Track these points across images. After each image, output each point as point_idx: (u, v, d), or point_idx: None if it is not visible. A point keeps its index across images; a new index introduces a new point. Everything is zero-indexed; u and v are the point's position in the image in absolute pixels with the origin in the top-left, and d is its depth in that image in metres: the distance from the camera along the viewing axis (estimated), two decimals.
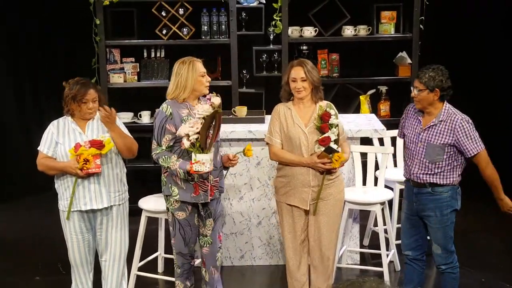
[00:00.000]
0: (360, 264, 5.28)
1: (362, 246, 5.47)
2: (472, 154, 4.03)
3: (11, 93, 6.87)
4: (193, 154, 4.05)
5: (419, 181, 4.17)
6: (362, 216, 5.44)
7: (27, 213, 6.52)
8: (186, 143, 4.06)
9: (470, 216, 6.09)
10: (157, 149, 4.24)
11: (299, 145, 4.20)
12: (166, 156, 4.18)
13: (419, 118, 4.19)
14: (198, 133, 4.02)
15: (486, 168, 4.08)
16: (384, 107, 6.31)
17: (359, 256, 5.34)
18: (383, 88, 6.39)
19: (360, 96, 6.36)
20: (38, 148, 4.21)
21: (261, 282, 5.18)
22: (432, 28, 6.40)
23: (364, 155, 5.18)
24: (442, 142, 4.06)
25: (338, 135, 4.23)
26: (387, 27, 6.37)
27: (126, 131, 4.37)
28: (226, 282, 4.78)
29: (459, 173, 4.15)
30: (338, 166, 4.22)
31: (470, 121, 4.07)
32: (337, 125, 4.25)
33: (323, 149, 4.17)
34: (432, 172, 4.12)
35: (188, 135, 4.06)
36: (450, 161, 4.06)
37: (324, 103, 4.34)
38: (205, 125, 4.03)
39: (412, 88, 4.18)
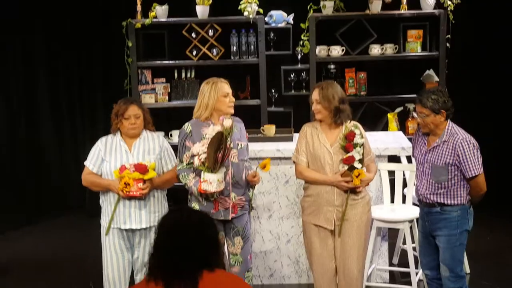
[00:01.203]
0: (390, 283, 5.15)
1: (391, 264, 5.33)
2: (470, 176, 3.99)
3: (48, 113, 6.90)
4: (202, 173, 4.07)
5: (428, 201, 4.13)
6: (391, 234, 5.35)
7: (59, 232, 6.49)
8: (196, 162, 4.09)
9: (503, 234, 6.07)
10: (179, 165, 4.27)
11: (324, 164, 4.14)
12: (185, 173, 4.21)
13: (425, 139, 4.16)
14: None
15: (477, 194, 4.06)
16: (412, 125, 6.21)
17: (388, 275, 5.20)
18: (411, 106, 6.27)
19: (388, 114, 6.34)
20: (85, 163, 4.24)
21: None
22: (458, 46, 6.35)
23: (391, 173, 5.09)
24: (445, 162, 4.01)
25: (363, 154, 4.17)
26: (414, 45, 6.38)
27: (172, 155, 4.39)
28: None
29: (467, 192, 4.08)
30: (359, 184, 4.13)
31: (473, 141, 4.00)
32: (362, 145, 4.18)
33: (346, 167, 4.12)
34: (439, 192, 4.06)
35: (198, 154, 4.08)
36: (455, 181, 4.00)
37: (351, 123, 4.27)
38: (211, 146, 4.02)
39: (414, 114, 4.17)
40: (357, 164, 4.12)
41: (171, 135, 6.27)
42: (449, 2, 6.10)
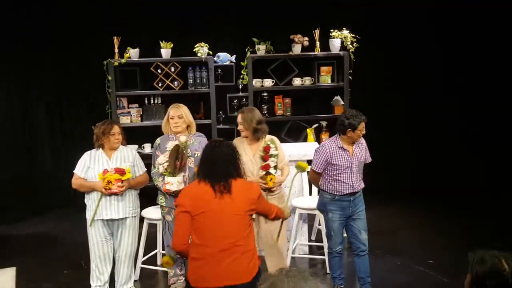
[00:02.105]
0: (309, 254, 5.27)
1: (310, 240, 5.47)
2: (369, 161, 4.33)
3: (48, 131, 6.88)
4: (165, 177, 4.23)
5: (357, 190, 4.24)
6: (309, 218, 5.45)
7: (56, 222, 6.48)
8: (161, 169, 4.24)
9: (395, 216, 6.26)
10: (153, 169, 4.38)
11: (247, 170, 4.17)
12: (156, 176, 4.34)
13: (343, 150, 4.17)
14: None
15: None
16: (325, 137, 6.27)
17: (308, 248, 5.34)
18: (324, 123, 6.43)
19: (307, 129, 6.38)
20: (74, 171, 4.24)
21: None
22: (358, 78, 6.40)
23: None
24: (363, 157, 4.26)
25: (277, 162, 4.28)
26: (325, 78, 6.42)
27: (141, 164, 4.42)
28: None
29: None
30: (272, 185, 4.23)
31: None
32: (276, 155, 4.28)
33: (264, 173, 4.24)
34: (361, 180, 4.29)
35: (162, 163, 4.23)
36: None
37: (268, 138, 4.36)
38: (171, 156, 4.16)
39: (357, 133, 4.12)
40: (272, 170, 4.22)
41: (143, 147, 6.28)
42: (350, 46, 6.17)
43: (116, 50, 6.17)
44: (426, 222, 6.07)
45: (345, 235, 4.47)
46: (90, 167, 4.21)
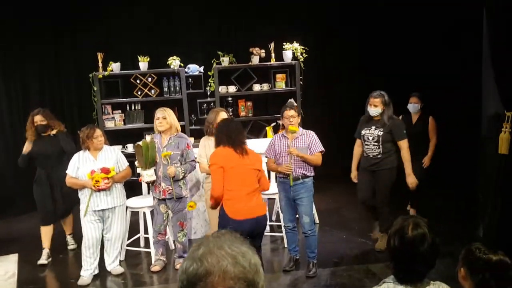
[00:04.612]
0: (270, 232, 5.21)
1: (270, 220, 5.46)
2: (316, 151, 4.12)
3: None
4: (140, 170, 4.27)
5: (295, 174, 4.10)
6: (270, 202, 5.41)
7: None
8: (136, 164, 4.30)
9: (340, 198, 6.34)
10: None
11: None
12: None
13: (283, 138, 4.19)
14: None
15: (317, 164, 4.15)
16: (273, 137, 6.15)
17: (269, 227, 5.23)
18: (280, 122, 5.96)
19: (267, 127, 6.38)
20: (67, 172, 4.25)
21: None
22: (307, 83, 6.51)
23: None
24: (306, 145, 4.12)
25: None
26: (280, 84, 6.51)
27: (124, 160, 4.41)
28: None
29: (313, 168, 4.18)
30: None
31: (314, 133, 4.22)
32: None
33: None
34: (301, 166, 4.12)
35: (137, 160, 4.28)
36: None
37: None
38: (136, 154, 4.21)
39: (285, 120, 4.13)
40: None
41: (126, 147, 6.25)
42: (300, 56, 6.31)
43: (100, 64, 6.15)
44: None
45: None
46: (79, 167, 4.23)
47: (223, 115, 4.38)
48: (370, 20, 6.94)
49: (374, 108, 4.53)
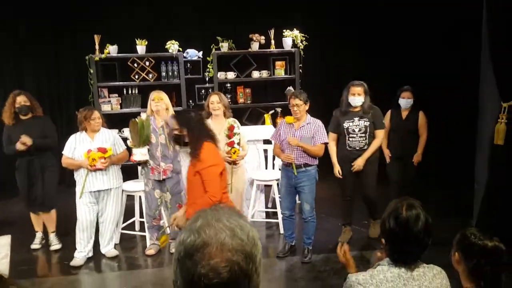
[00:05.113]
0: (266, 218, 5.32)
1: (266, 207, 5.51)
2: (321, 142, 4.08)
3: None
4: (132, 149, 4.20)
5: (298, 162, 4.07)
6: (267, 189, 5.52)
7: None
8: (129, 143, 4.23)
9: (334, 187, 6.30)
10: None
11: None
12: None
13: (290, 126, 4.13)
14: None
15: (320, 154, 4.12)
16: (280, 121, 6.24)
17: (264, 214, 5.39)
18: (279, 109, 6.50)
19: (265, 115, 6.45)
20: (63, 152, 4.20)
21: None
22: (306, 71, 6.47)
23: (266, 151, 5.31)
24: (311, 135, 4.07)
25: (240, 139, 4.29)
26: (280, 71, 6.48)
27: (121, 142, 4.39)
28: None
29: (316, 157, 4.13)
30: (236, 158, 4.20)
31: (321, 123, 4.16)
32: (239, 133, 4.29)
33: (230, 148, 4.24)
34: (304, 155, 4.09)
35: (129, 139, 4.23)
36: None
37: (231, 119, 4.35)
38: (131, 131, 4.15)
39: (290, 107, 4.09)
40: (236, 146, 4.23)
41: (122, 131, 6.20)
42: (300, 44, 6.27)
43: (97, 47, 6.07)
44: None
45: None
46: (76, 148, 4.20)
47: (213, 98, 4.31)
48: (370, 19, 6.89)
49: (358, 97, 4.38)
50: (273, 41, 6.36)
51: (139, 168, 4.61)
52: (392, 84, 5.38)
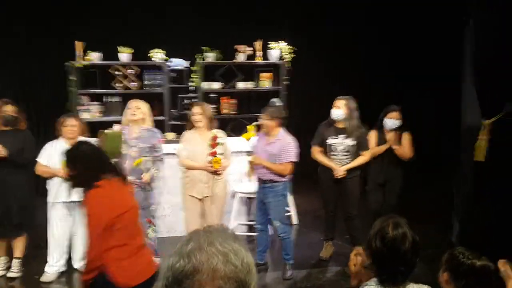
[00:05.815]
0: (247, 232, 5.22)
1: (248, 220, 5.37)
2: (286, 161, 4.02)
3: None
4: None
5: (264, 178, 4.07)
6: (249, 202, 5.33)
7: None
8: None
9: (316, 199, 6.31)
10: None
11: (197, 155, 4.15)
12: None
13: (264, 139, 4.17)
14: None
15: (286, 173, 4.06)
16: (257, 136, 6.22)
17: (246, 227, 5.31)
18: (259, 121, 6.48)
19: (248, 126, 6.12)
20: (37, 159, 4.07)
21: None
22: (292, 83, 6.42)
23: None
24: (276, 152, 4.03)
25: (224, 150, 4.22)
26: (265, 82, 6.40)
27: None
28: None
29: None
30: (218, 167, 4.11)
31: (293, 141, 4.08)
32: (223, 143, 4.21)
33: (211, 158, 4.16)
34: (270, 172, 4.04)
35: None
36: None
37: (215, 130, 4.29)
38: (102, 140, 4.04)
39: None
40: (219, 155, 4.16)
41: None
42: (286, 56, 6.23)
43: (81, 54, 5.96)
44: None
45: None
46: (51, 155, 4.08)
47: (195, 109, 4.24)
48: (364, 21, 6.94)
49: (337, 110, 4.29)
50: (258, 53, 6.29)
51: None
52: (379, 98, 5.31)
